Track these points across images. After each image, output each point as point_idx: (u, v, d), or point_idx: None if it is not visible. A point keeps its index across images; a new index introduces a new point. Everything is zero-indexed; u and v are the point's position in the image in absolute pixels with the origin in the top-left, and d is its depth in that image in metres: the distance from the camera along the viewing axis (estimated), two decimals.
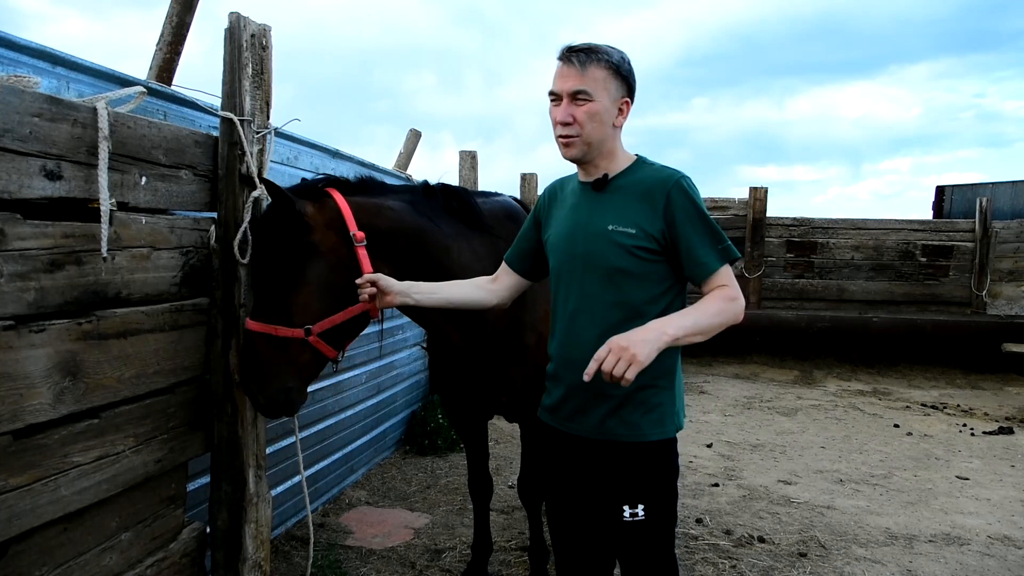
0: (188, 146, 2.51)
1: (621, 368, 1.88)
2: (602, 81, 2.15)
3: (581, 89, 2.14)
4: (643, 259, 2.14)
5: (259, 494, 2.77)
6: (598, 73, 2.14)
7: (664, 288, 2.18)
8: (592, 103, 2.14)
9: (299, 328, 2.50)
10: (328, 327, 2.54)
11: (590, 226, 2.21)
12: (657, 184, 2.16)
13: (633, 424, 2.17)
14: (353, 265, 2.60)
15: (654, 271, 2.16)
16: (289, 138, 4.05)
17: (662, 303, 2.18)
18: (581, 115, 2.14)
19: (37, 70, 2.40)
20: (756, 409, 8.10)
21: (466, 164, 7.20)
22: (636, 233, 2.13)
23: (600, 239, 2.17)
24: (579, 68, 2.14)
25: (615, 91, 2.18)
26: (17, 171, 1.85)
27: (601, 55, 2.16)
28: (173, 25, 3.65)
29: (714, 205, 10.93)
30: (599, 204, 2.22)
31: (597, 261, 2.18)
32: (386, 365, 5.62)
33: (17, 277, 1.85)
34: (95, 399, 2.12)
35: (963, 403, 8.55)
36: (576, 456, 2.29)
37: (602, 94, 2.15)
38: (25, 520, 1.91)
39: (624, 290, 2.16)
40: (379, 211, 2.76)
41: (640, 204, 2.16)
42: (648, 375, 2.15)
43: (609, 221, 2.17)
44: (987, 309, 10.49)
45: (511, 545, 4.15)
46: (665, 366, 2.19)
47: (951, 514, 4.88)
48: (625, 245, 2.14)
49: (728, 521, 4.62)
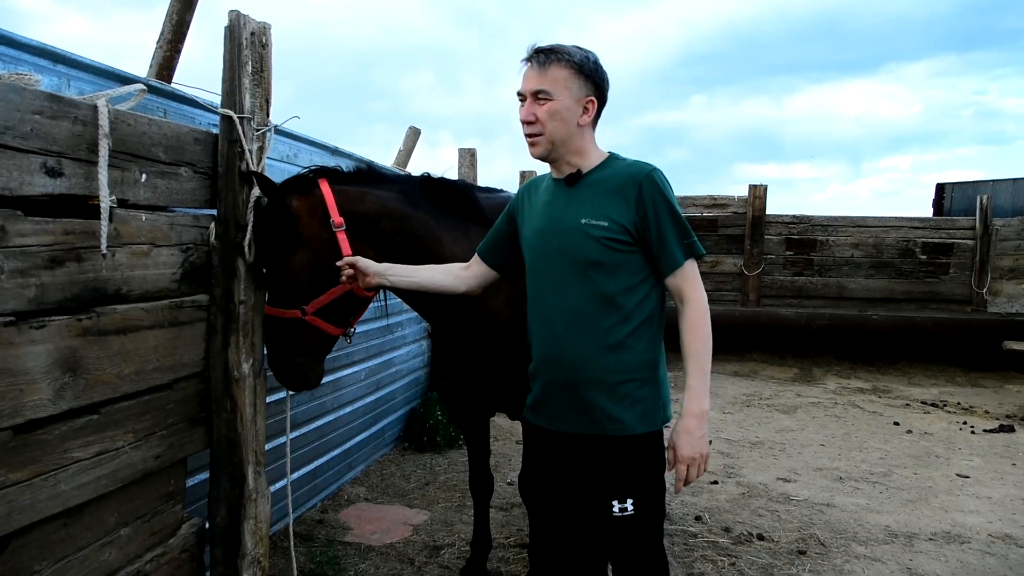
0: (188, 143, 2.52)
1: (701, 471, 2.17)
2: (563, 80, 2.18)
3: (541, 88, 2.19)
4: (617, 250, 2.17)
5: (258, 490, 2.78)
6: (558, 73, 2.18)
7: (639, 280, 2.21)
8: (552, 102, 2.18)
9: (295, 309, 2.77)
10: (319, 307, 2.79)
11: (564, 221, 2.24)
12: (629, 178, 2.19)
13: (617, 418, 2.19)
14: (335, 249, 2.77)
15: (628, 262, 2.19)
16: (289, 135, 4.06)
17: (640, 293, 2.21)
18: (542, 114, 2.19)
19: (38, 68, 2.40)
20: (755, 407, 8.11)
21: (465, 162, 7.20)
22: (608, 225, 2.16)
23: (574, 233, 2.20)
24: (540, 68, 2.19)
25: (577, 90, 2.20)
26: (18, 168, 1.85)
27: (562, 55, 2.19)
28: (173, 23, 3.66)
29: (713, 203, 10.93)
30: (572, 199, 2.25)
31: (572, 255, 2.21)
32: (385, 362, 5.62)
33: (18, 273, 1.86)
34: (95, 395, 2.13)
35: (963, 401, 8.55)
36: (563, 454, 2.30)
37: (563, 93, 2.18)
38: (25, 515, 1.92)
39: (599, 282, 2.19)
40: (363, 198, 2.89)
41: (612, 197, 2.19)
42: (629, 369, 2.19)
43: (582, 215, 2.20)
44: (987, 307, 10.49)
45: (510, 542, 4.16)
46: (645, 358, 2.22)
47: (951, 512, 4.88)
48: (598, 237, 2.17)
49: (727, 519, 4.63)
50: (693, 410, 2.14)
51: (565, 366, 2.23)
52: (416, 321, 6.28)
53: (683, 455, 2.14)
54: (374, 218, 2.88)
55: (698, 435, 2.13)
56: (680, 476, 2.17)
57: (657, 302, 2.26)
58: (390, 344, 5.70)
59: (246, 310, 2.67)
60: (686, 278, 2.19)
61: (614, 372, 2.18)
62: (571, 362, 2.22)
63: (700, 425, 2.14)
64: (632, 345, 2.19)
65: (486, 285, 2.65)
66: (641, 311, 2.20)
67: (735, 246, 10.76)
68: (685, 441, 2.13)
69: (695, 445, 2.13)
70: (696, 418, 2.14)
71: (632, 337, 2.19)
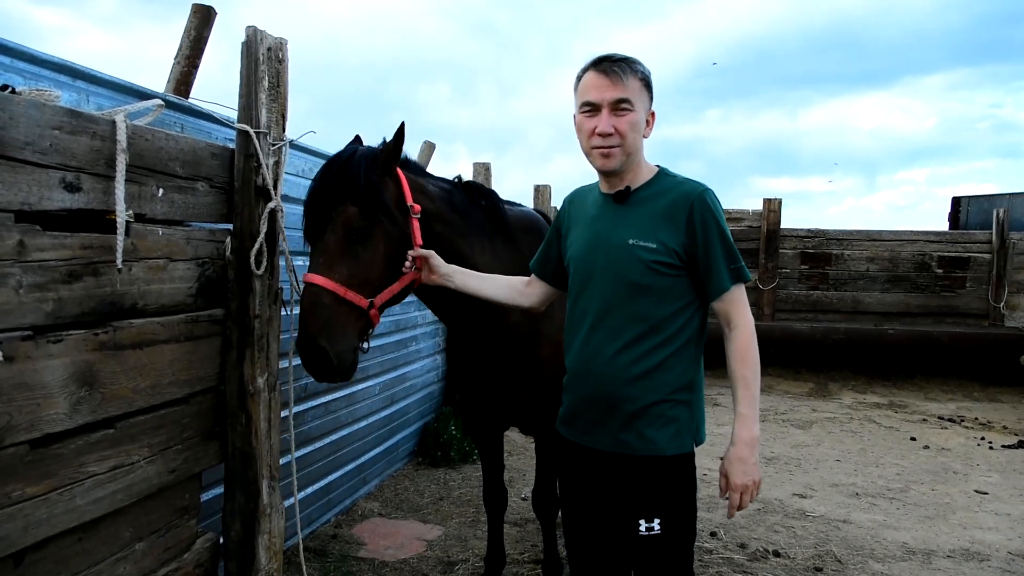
0: (204, 158, 2.53)
1: (754, 497, 2.18)
2: (638, 91, 2.16)
3: (624, 98, 2.13)
4: (664, 274, 2.13)
5: (272, 505, 2.77)
6: (635, 83, 2.16)
7: (683, 304, 2.17)
8: (632, 113, 2.14)
9: (365, 299, 2.49)
10: (387, 297, 2.59)
11: (611, 239, 2.20)
12: (680, 198, 2.15)
13: (649, 438, 2.16)
14: (408, 237, 2.65)
15: (674, 286, 2.15)
16: (304, 150, 4.08)
17: (680, 319, 2.17)
18: (624, 125, 2.13)
19: (58, 84, 2.43)
20: (771, 422, 8.05)
21: (480, 176, 7.22)
22: (657, 248, 2.12)
23: (621, 252, 2.16)
24: (619, 77, 2.13)
25: (647, 103, 2.20)
26: (37, 183, 1.87)
27: (637, 66, 2.17)
28: (191, 39, 3.69)
29: (728, 216, 10.79)
30: (621, 217, 2.21)
31: (617, 275, 2.17)
32: (399, 376, 5.62)
33: (36, 288, 1.87)
34: (111, 409, 2.14)
35: (981, 416, 8.47)
36: (593, 469, 2.28)
37: (639, 104, 2.16)
38: (41, 529, 1.92)
39: (643, 306, 2.15)
40: (424, 190, 2.82)
41: (662, 218, 2.15)
42: (664, 390, 2.15)
43: (631, 235, 2.16)
44: (1005, 321, 10.38)
45: (524, 558, 4.14)
46: (682, 381, 2.18)
47: (970, 529, 4.82)
48: (646, 260, 2.13)
49: (743, 535, 4.59)
50: (744, 437, 2.13)
51: (599, 384, 2.21)
52: (430, 336, 6.28)
53: (736, 483, 2.14)
54: (432, 213, 2.79)
55: (751, 462, 2.13)
56: (733, 504, 2.17)
57: (699, 326, 2.23)
58: (404, 359, 5.70)
59: (261, 324, 2.67)
60: (733, 303, 2.17)
61: (648, 393, 2.15)
62: (606, 380, 2.20)
63: (752, 452, 2.14)
64: (670, 367, 2.16)
65: (548, 302, 2.65)
66: (682, 335, 2.18)
67: (750, 260, 10.68)
68: (738, 468, 2.14)
69: (748, 472, 2.13)
70: (748, 445, 2.13)
71: (672, 359, 2.16)
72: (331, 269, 2.49)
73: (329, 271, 2.48)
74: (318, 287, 2.45)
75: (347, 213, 2.52)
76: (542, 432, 3.33)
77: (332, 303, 2.45)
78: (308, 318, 2.43)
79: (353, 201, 2.53)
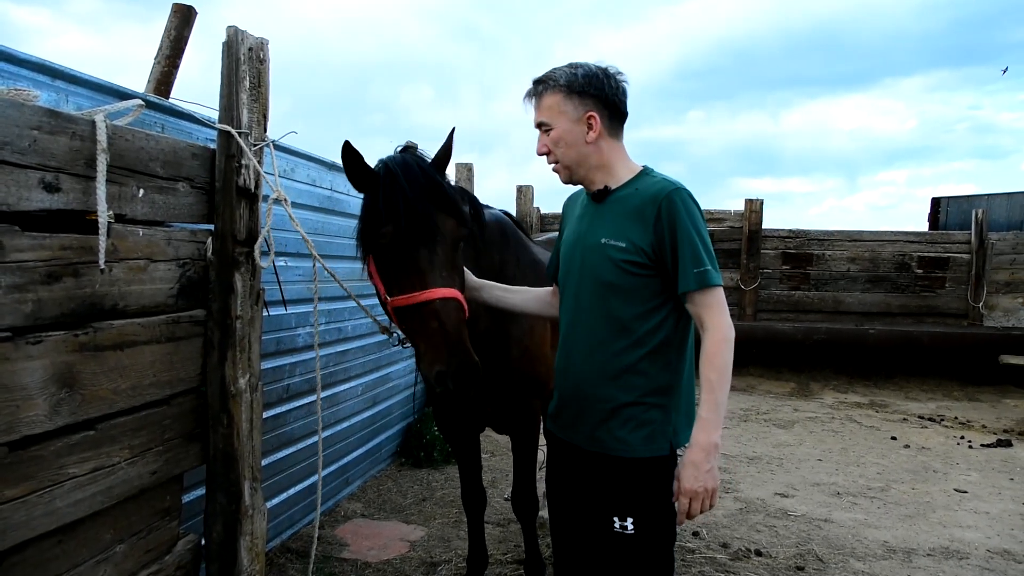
0: (185, 158, 2.52)
1: (707, 505, 2.08)
2: (556, 106, 2.19)
3: (541, 121, 2.23)
4: (633, 274, 2.13)
5: (254, 506, 2.76)
6: (550, 100, 2.20)
7: (655, 304, 2.15)
8: (552, 130, 2.20)
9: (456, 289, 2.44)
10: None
11: (587, 238, 2.22)
12: (650, 197, 2.14)
13: (621, 439, 2.17)
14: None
15: (645, 286, 2.14)
16: (286, 150, 4.06)
17: (653, 320, 2.15)
18: (550, 143, 2.22)
19: (36, 83, 2.41)
20: (752, 421, 8.10)
21: (462, 176, 7.22)
22: (626, 247, 2.12)
23: (594, 252, 2.18)
24: (536, 101, 2.24)
25: (573, 111, 2.18)
26: (16, 183, 1.85)
27: (549, 82, 2.20)
28: (171, 39, 3.67)
29: (710, 217, 10.90)
30: (597, 217, 2.23)
31: (590, 274, 2.19)
32: (382, 377, 5.61)
33: (15, 289, 1.85)
34: (91, 411, 2.12)
35: (961, 415, 8.55)
36: (573, 465, 2.30)
37: (559, 119, 2.19)
38: (20, 532, 1.91)
39: (612, 305, 2.16)
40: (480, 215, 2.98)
41: (633, 217, 2.15)
42: (636, 392, 2.16)
43: (603, 234, 2.17)
44: (984, 321, 10.49)
45: (507, 558, 4.14)
46: (657, 383, 2.17)
47: (950, 528, 4.87)
48: (616, 259, 2.13)
49: (725, 534, 4.61)
50: (701, 441, 2.06)
51: (576, 382, 2.24)
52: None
53: (685, 487, 2.07)
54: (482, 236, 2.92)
55: (704, 468, 2.05)
56: (682, 509, 2.10)
57: (675, 327, 2.18)
58: (386, 359, 5.68)
59: (243, 325, 2.66)
60: (704, 306, 2.09)
61: (620, 394, 2.15)
62: (581, 379, 2.22)
63: (707, 458, 2.05)
64: (644, 370, 2.15)
65: None
66: (655, 337, 2.15)
67: (731, 260, 10.74)
68: (690, 473, 2.06)
69: (699, 478, 2.05)
70: (703, 450, 2.05)
71: (644, 362, 2.15)
72: (452, 280, 2.43)
73: (451, 282, 2.42)
74: (456, 301, 2.37)
75: (448, 224, 2.47)
76: (516, 431, 3.34)
77: (462, 315, 2.38)
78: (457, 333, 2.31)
79: (449, 212, 2.49)
